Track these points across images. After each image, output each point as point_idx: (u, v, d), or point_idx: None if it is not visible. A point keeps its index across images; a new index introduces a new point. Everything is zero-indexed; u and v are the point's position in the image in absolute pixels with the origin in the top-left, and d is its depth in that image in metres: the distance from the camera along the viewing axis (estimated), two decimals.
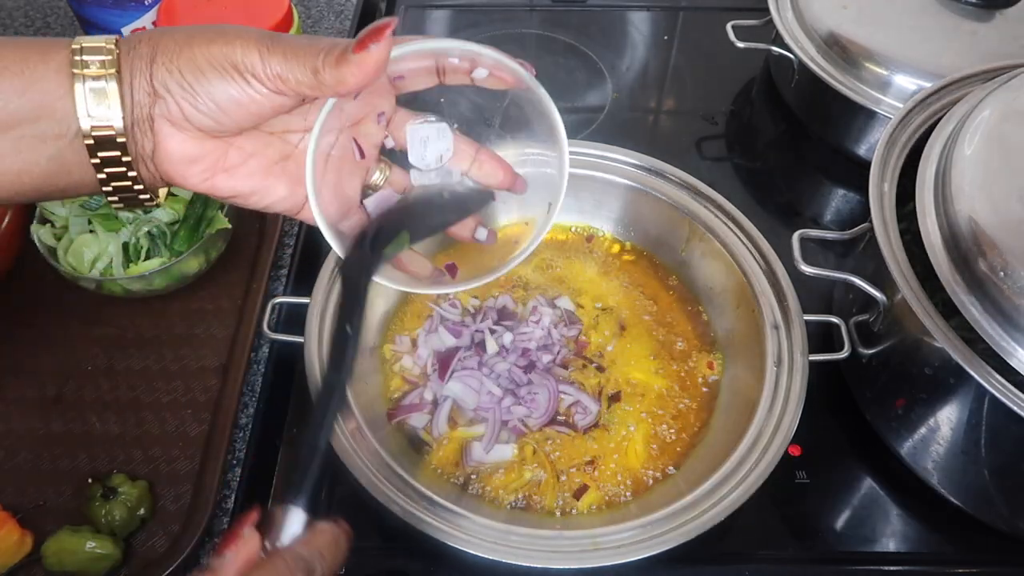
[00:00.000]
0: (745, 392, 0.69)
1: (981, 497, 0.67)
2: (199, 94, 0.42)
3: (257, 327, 0.75)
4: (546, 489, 0.67)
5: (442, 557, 0.60)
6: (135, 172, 0.44)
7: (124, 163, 0.43)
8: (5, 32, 1.10)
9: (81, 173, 0.43)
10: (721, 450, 0.65)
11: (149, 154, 0.44)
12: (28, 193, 0.43)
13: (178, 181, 0.45)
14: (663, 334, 0.77)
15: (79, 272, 0.74)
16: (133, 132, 0.43)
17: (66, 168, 0.43)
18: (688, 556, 0.59)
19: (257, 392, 0.74)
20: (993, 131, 0.64)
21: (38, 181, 0.43)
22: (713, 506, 0.59)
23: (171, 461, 0.69)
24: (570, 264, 0.82)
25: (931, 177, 0.66)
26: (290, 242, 0.85)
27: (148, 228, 0.77)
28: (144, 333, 0.78)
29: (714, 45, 1.07)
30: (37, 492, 0.67)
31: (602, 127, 1.03)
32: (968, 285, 0.58)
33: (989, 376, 0.55)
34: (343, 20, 1.13)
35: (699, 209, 0.78)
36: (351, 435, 0.62)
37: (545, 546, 0.58)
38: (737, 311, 0.75)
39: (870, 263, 0.69)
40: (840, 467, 0.74)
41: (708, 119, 1.06)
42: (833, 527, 0.70)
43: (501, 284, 0.79)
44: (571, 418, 0.70)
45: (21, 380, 0.74)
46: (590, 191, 0.83)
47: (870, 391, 0.73)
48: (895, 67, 0.86)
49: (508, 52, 0.49)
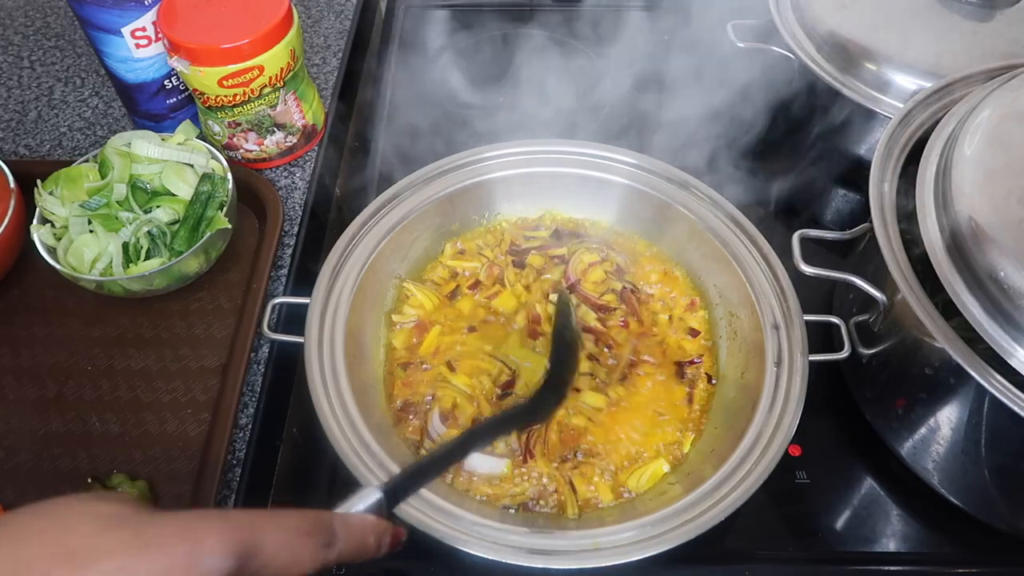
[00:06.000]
0: (745, 392, 0.69)
1: (981, 497, 0.67)
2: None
3: (257, 327, 0.75)
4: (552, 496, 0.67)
5: (442, 557, 0.60)
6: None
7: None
8: (5, 32, 1.11)
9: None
10: (721, 450, 0.65)
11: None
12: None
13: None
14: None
15: (79, 272, 0.74)
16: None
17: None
18: (688, 556, 0.59)
19: (257, 392, 0.74)
20: (993, 131, 0.64)
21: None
22: (713, 506, 0.59)
23: (171, 461, 0.70)
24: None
25: (931, 177, 0.66)
26: (290, 242, 0.85)
27: (148, 228, 0.77)
28: (144, 333, 0.78)
29: (714, 45, 1.07)
30: (37, 492, 0.67)
31: (602, 127, 1.03)
32: (968, 285, 0.58)
33: (989, 376, 0.55)
34: (343, 20, 1.13)
35: (699, 209, 0.78)
36: (352, 436, 0.62)
37: (545, 546, 0.58)
38: (737, 311, 0.75)
39: (870, 263, 0.69)
40: (840, 467, 0.74)
41: (708, 119, 1.06)
42: (833, 527, 0.70)
43: None
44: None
45: (21, 380, 0.74)
46: (589, 191, 0.83)
47: (870, 391, 0.73)
48: (895, 67, 0.86)
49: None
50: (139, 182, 0.80)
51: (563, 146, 0.83)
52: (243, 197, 0.85)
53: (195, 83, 0.82)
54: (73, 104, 1.00)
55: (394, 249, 0.78)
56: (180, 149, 0.82)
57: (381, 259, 0.76)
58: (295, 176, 0.93)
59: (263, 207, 0.85)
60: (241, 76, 0.81)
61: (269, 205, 0.85)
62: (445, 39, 1.18)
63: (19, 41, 1.10)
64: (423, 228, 0.80)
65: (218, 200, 0.79)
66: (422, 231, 0.80)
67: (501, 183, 0.83)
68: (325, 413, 0.63)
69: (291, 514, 0.41)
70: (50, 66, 1.06)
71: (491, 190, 0.83)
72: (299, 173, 0.93)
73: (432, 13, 1.22)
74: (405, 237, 0.79)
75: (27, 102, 1.01)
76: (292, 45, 0.83)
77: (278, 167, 0.93)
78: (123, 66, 0.86)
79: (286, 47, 0.82)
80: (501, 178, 0.83)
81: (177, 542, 0.36)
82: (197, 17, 0.79)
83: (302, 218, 0.86)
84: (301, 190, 0.91)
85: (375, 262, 0.75)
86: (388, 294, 0.78)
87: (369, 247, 0.75)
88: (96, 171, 0.80)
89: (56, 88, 1.02)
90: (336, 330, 0.69)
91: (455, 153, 0.82)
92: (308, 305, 0.70)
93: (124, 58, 0.85)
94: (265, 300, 0.77)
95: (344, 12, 1.15)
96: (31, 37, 1.10)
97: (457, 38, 1.17)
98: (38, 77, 1.04)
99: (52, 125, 0.98)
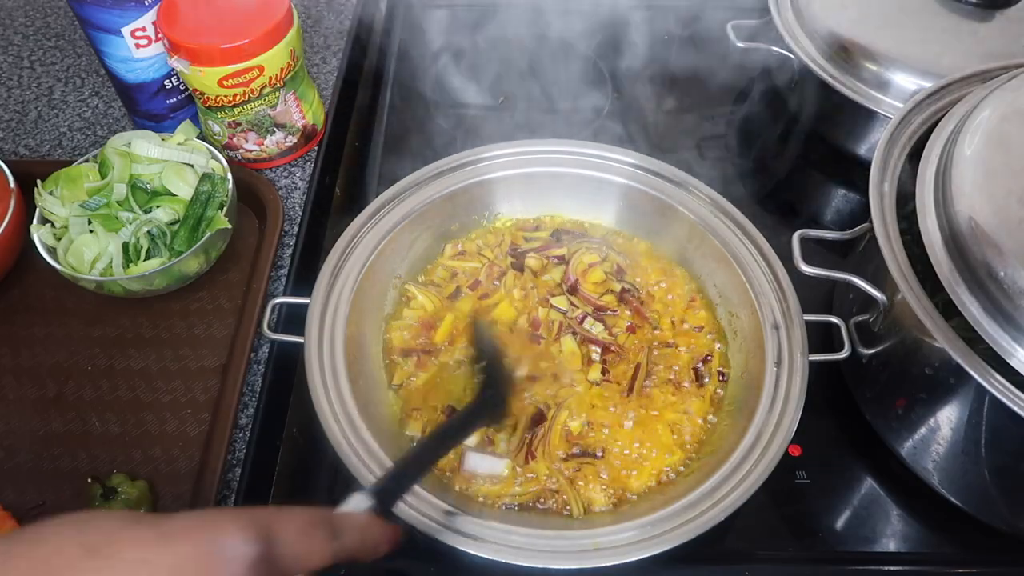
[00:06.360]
0: (745, 392, 0.69)
1: (981, 497, 0.67)
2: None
3: (257, 327, 0.75)
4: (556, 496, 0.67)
5: (442, 557, 0.60)
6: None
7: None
8: (5, 32, 1.11)
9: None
10: (721, 450, 0.65)
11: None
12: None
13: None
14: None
15: (79, 272, 0.74)
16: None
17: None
18: (688, 556, 0.59)
19: (257, 392, 0.74)
20: (993, 131, 0.64)
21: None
22: (713, 506, 0.59)
23: (171, 461, 0.70)
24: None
25: (931, 177, 0.66)
26: (290, 242, 0.85)
27: (148, 228, 0.77)
28: (144, 333, 0.78)
29: (714, 45, 1.07)
30: (37, 492, 0.67)
31: (602, 127, 1.03)
32: (968, 285, 0.58)
33: (989, 376, 0.55)
34: (343, 20, 1.13)
35: (699, 209, 0.78)
36: (352, 436, 0.62)
37: (545, 546, 0.58)
38: (737, 311, 0.75)
39: (870, 263, 0.69)
40: (840, 467, 0.74)
41: (708, 119, 1.06)
42: (833, 527, 0.70)
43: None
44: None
45: (21, 380, 0.74)
46: (590, 191, 0.83)
47: (870, 391, 0.73)
48: (895, 67, 0.86)
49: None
50: (139, 182, 0.80)
51: (563, 146, 0.83)
52: (243, 197, 0.85)
53: (195, 83, 0.82)
54: (73, 104, 1.00)
55: (394, 249, 0.78)
56: (180, 149, 0.82)
57: (381, 259, 0.76)
58: (295, 176, 0.93)
59: (263, 207, 0.85)
60: (241, 76, 0.81)
61: (269, 205, 0.85)
62: (445, 39, 1.18)
63: (19, 41, 1.10)
64: (423, 228, 0.80)
65: (218, 200, 0.79)
66: (422, 231, 0.80)
67: (501, 183, 0.83)
68: (325, 413, 0.63)
69: (298, 509, 0.42)
70: (50, 66, 1.06)
71: (491, 190, 0.83)
72: (299, 173, 0.93)
73: (432, 13, 1.22)
74: (405, 237, 0.79)
75: (27, 102, 1.01)
76: (292, 45, 0.83)
77: (278, 167, 0.93)
78: (123, 66, 0.86)
79: (286, 47, 0.82)
80: (501, 178, 0.83)
81: (199, 533, 0.36)
82: (197, 17, 0.79)
83: (302, 218, 0.86)
84: (301, 190, 0.91)
85: (375, 262, 0.75)
86: (388, 294, 0.78)
87: (369, 247, 0.75)
88: (96, 171, 0.80)
89: (56, 88, 1.02)
90: (336, 330, 0.69)
91: (455, 153, 0.82)
92: (308, 305, 0.70)
93: (124, 58, 0.85)
94: (265, 300, 0.77)
95: (344, 12, 1.15)
96: (31, 37, 1.10)
97: (457, 38, 1.18)
98: (38, 77, 1.04)
99: (52, 125, 0.98)
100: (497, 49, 1.13)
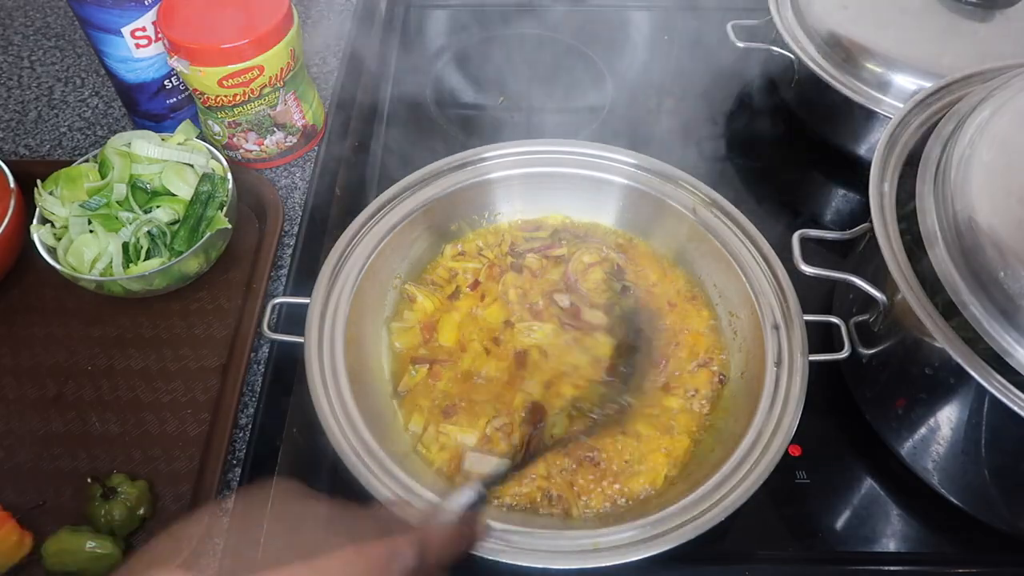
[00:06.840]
0: (745, 392, 0.69)
1: (981, 497, 0.67)
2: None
3: (257, 327, 0.75)
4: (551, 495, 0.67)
5: None
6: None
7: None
8: (5, 32, 1.11)
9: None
10: (721, 450, 0.65)
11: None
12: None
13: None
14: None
15: (79, 272, 0.74)
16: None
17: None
18: (688, 556, 0.59)
19: (257, 392, 0.74)
20: (993, 131, 0.64)
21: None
22: (713, 506, 0.59)
23: (171, 461, 0.70)
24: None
25: (931, 177, 0.66)
26: (290, 242, 0.85)
27: (148, 228, 0.77)
28: (144, 333, 0.78)
29: (714, 45, 1.07)
30: (37, 492, 0.67)
31: (602, 127, 1.03)
32: (968, 285, 0.58)
33: (989, 376, 0.55)
34: (343, 20, 1.13)
35: (699, 209, 0.78)
36: (352, 436, 0.62)
37: (545, 546, 0.58)
38: (737, 311, 0.75)
39: (870, 263, 0.69)
40: (840, 467, 0.74)
41: (708, 119, 1.06)
42: (833, 527, 0.70)
43: None
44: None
45: (21, 380, 0.74)
46: (590, 191, 0.83)
47: (870, 391, 0.73)
48: (895, 67, 0.86)
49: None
50: (139, 182, 0.80)
51: (563, 146, 0.83)
52: (243, 197, 0.85)
53: (195, 83, 0.82)
54: (73, 104, 1.00)
55: (394, 249, 0.78)
56: (180, 149, 0.82)
57: (381, 259, 0.76)
58: (295, 176, 0.93)
59: (263, 207, 0.85)
60: (241, 76, 0.81)
61: (269, 205, 0.85)
62: (445, 39, 1.18)
63: (19, 41, 1.10)
64: (423, 228, 0.80)
65: (218, 200, 0.79)
66: (422, 231, 0.80)
67: (501, 183, 0.83)
68: (325, 413, 0.63)
69: (441, 526, 0.50)
70: (50, 66, 1.06)
71: (491, 190, 0.83)
72: (299, 173, 0.93)
73: (432, 13, 1.22)
74: (405, 237, 0.79)
75: (27, 102, 1.01)
76: (292, 45, 0.83)
77: (278, 167, 0.93)
78: (123, 66, 0.86)
79: (286, 47, 0.82)
80: (501, 178, 0.83)
81: (380, 544, 0.44)
82: (197, 17, 0.79)
83: (302, 218, 0.86)
84: (301, 190, 0.91)
85: (375, 262, 0.75)
86: (388, 294, 0.78)
87: (369, 247, 0.75)
88: (96, 171, 0.80)
89: (56, 88, 1.02)
90: (336, 330, 0.69)
91: (455, 153, 0.82)
92: (308, 305, 0.70)
93: (124, 58, 0.85)
94: (265, 300, 0.77)
95: (344, 12, 1.15)
96: (31, 37, 1.10)
97: (457, 38, 1.18)
98: (38, 77, 1.04)
99: (52, 125, 0.98)
100: (497, 49, 1.13)
